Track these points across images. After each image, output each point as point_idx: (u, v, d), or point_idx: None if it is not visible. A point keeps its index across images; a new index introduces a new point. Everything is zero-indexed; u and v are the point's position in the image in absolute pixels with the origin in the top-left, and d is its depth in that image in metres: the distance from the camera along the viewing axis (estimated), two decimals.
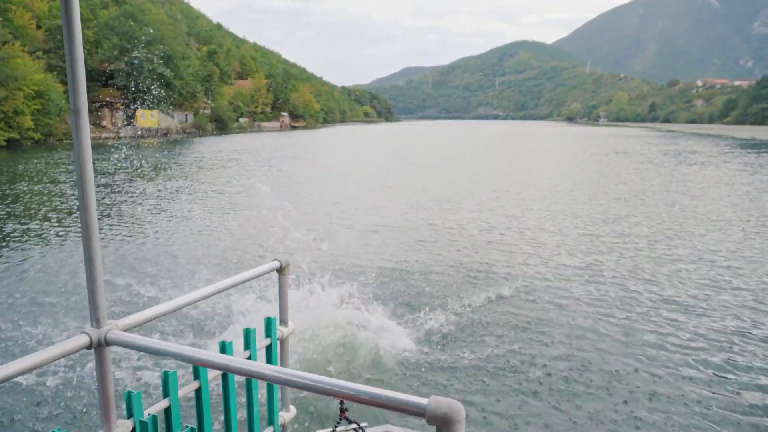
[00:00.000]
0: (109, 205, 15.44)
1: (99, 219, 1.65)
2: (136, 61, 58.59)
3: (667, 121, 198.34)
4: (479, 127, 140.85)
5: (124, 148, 41.29)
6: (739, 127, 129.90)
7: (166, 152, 37.50)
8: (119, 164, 27.65)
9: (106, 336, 1.41)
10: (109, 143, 47.98)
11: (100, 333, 1.41)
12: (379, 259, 9.66)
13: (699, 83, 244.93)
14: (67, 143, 45.32)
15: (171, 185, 19.87)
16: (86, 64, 1.40)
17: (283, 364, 2.17)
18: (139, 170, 24.76)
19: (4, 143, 37.63)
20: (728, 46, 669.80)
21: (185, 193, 17.89)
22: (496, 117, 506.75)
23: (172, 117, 69.50)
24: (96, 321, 1.43)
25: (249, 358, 1.97)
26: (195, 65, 74.43)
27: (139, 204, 15.58)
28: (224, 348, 1.80)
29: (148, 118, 63.30)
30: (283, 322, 2.16)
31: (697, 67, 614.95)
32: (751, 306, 7.31)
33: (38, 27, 54.40)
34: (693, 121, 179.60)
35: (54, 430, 1.53)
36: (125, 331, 1.46)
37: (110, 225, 12.67)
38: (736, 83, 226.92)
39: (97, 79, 58.16)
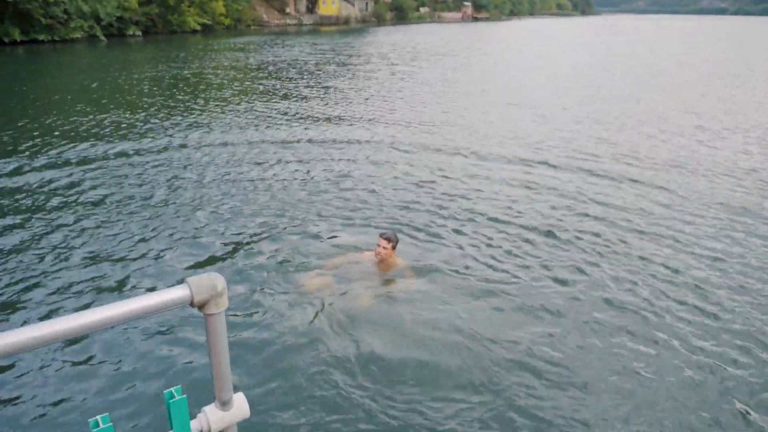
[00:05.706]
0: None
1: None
2: None
3: None
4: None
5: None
6: None
7: (343, 41, 35.48)
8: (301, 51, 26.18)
9: None
10: (292, 30, 48.01)
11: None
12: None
13: None
14: (255, 29, 46.39)
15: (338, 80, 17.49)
16: None
17: None
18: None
19: (198, 28, 39.07)
20: None
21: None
22: (723, 11, 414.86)
23: (353, 5, 67.32)
24: None
25: None
26: None
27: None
28: None
29: (329, 5, 61.97)
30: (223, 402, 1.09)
31: None
32: None
33: None
34: None
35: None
36: None
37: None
38: None
39: None
